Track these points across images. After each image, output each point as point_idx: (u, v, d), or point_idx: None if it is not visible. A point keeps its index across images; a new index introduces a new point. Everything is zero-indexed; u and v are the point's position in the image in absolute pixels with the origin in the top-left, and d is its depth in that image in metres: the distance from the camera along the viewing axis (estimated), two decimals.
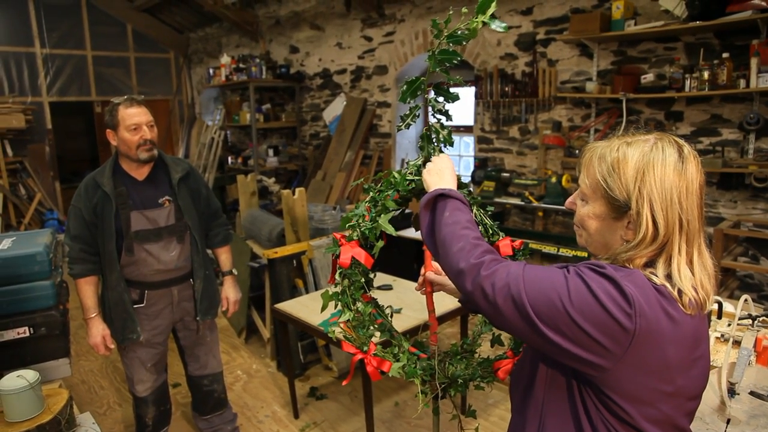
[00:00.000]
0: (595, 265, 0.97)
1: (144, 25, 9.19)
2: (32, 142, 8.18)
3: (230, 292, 2.83)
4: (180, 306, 2.63)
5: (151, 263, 2.49)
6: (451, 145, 1.46)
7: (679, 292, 0.97)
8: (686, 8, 3.63)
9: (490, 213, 1.53)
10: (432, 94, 1.41)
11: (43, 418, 1.77)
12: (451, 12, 1.30)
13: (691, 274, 0.98)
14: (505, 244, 1.47)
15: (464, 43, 1.28)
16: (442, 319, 2.87)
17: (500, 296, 0.98)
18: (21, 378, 1.79)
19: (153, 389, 2.65)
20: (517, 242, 1.48)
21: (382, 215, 1.42)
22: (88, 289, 2.46)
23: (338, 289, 1.45)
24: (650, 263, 1.00)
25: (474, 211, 1.49)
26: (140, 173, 2.48)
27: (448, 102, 1.41)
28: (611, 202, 1.01)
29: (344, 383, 1.53)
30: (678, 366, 0.96)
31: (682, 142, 1.01)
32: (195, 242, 2.59)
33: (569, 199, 1.14)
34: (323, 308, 1.55)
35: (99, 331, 2.47)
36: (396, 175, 1.46)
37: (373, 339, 1.53)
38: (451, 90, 1.41)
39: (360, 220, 1.44)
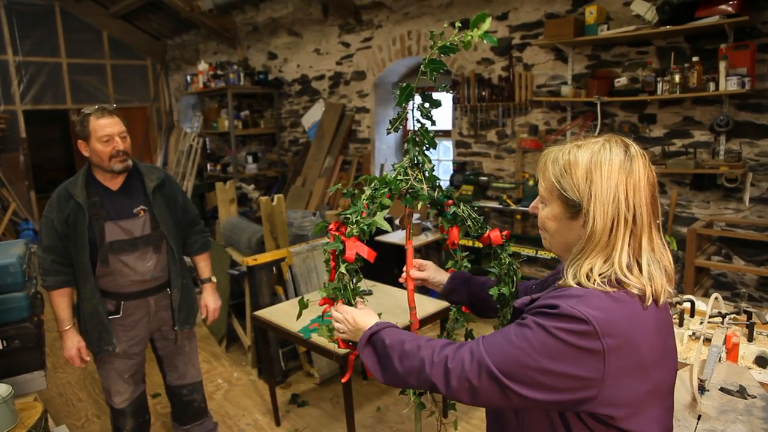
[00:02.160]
0: (546, 308, 0.99)
1: (120, 32, 9.10)
2: (6, 152, 8.05)
3: (209, 300, 2.80)
4: (157, 316, 2.60)
5: (127, 274, 2.45)
6: (434, 147, 1.53)
7: (624, 284, 1.00)
8: (657, 13, 3.70)
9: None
10: (419, 100, 1.48)
11: None
12: (446, 26, 1.40)
13: (638, 268, 1.02)
14: (495, 234, 1.55)
15: (451, 54, 1.36)
16: (423, 322, 2.88)
17: (474, 378, 1.01)
18: None
19: (131, 400, 2.61)
20: (506, 232, 1.57)
21: (378, 213, 1.46)
22: (61, 301, 2.41)
23: (340, 284, 1.45)
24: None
25: (461, 207, 1.58)
26: (114, 183, 2.44)
27: (432, 108, 1.49)
28: (566, 203, 1.06)
29: (344, 380, 1.52)
30: (652, 362, 0.99)
31: (629, 142, 1.06)
32: (172, 251, 2.55)
33: (532, 204, 1.18)
34: (299, 316, 1.56)
35: (74, 343, 2.43)
36: (388, 176, 1.51)
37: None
38: (435, 97, 1.49)
39: (359, 217, 1.46)
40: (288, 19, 7.02)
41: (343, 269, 1.40)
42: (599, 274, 1.00)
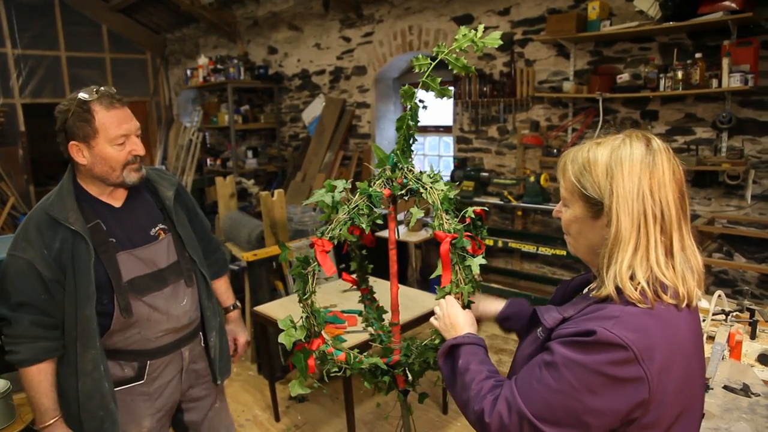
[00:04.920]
0: (581, 335, 0.95)
1: (120, 25, 9.06)
2: (4, 145, 8.01)
3: (239, 332, 2.20)
4: (190, 371, 1.92)
5: (158, 322, 1.75)
6: (414, 140, 1.62)
7: (663, 285, 0.97)
8: (660, 9, 3.68)
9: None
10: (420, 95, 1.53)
11: (15, 428, 1.73)
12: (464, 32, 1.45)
13: (673, 267, 0.98)
14: (478, 209, 1.52)
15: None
16: (423, 319, 2.87)
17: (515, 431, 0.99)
18: None
19: None
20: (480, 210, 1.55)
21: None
22: (43, 381, 1.61)
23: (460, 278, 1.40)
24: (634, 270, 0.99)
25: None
26: (116, 197, 1.75)
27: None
28: (587, 202, 1.03)
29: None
30: (685, 383, 0.97)
31: (651, 136, 1.03)
32: (204, 283, 1.93)
33: (556, 208, 1.15)
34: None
35: None
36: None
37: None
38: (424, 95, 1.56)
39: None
40: (288, 14, 6.98)
41: (480, 260, 1.35)
42: (643, 278, 0.96)
